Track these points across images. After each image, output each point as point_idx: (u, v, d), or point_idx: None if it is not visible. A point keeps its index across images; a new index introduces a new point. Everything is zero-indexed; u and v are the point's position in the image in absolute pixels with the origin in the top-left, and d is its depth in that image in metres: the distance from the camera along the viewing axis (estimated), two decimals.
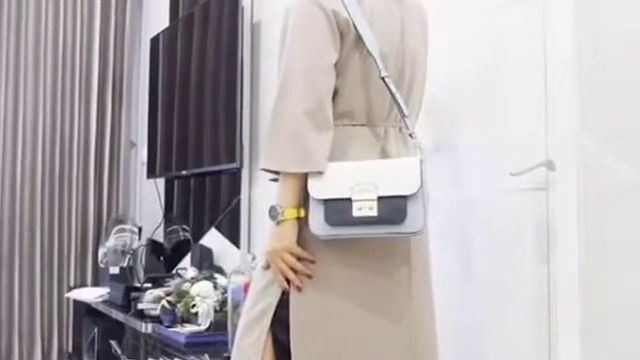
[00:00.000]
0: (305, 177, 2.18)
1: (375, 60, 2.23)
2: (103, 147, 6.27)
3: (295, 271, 2.20)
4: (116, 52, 6.36)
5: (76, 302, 5.68)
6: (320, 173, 2.16)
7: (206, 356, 3.51)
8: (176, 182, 5.70)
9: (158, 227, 5.74)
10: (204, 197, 5.20)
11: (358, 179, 2.14)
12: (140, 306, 4.16)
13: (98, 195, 6.22)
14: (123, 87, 6.38)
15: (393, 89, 2.24)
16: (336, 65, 2.24)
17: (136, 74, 6.51)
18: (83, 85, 6.19)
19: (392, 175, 2.15)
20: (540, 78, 2.54)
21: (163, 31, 5.70)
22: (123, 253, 5.63)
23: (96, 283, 5.95)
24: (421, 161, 2.15)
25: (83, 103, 6.18)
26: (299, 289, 2.21)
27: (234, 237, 4.67)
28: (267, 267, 2.27)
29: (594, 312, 2.33)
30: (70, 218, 6.08)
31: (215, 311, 3.70)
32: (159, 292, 4.09)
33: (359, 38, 2.24)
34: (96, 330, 5.05)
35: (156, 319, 4.01)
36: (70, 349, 5.98)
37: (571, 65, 2.42)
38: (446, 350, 2.46)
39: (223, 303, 3.70)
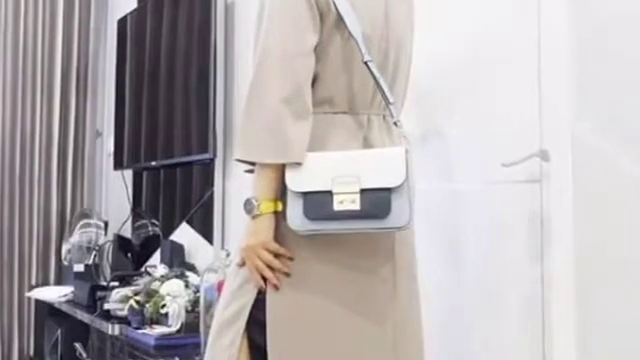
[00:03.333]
0: (282, 168, 2.17)
1: (357, 43, 2.22)
2: (67, 137, 6.22)
3: (272, 269, 2.19)
4: (80, 35, 6.31)
5: (38, 302, 5.64)
6: (298, 164, 2.15)
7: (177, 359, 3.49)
8: (145, 174, 5.68)
9: (125, 222, 5.74)
10: (175, 190, 5.19)
11: (339, 170, 2.13)
12: (106, 306, 4.14)
13: (61, 188, 6.18)
14: (88, 73, 6.33)
15: (377, 74, 2.23)
16: (316, 49, 2.23)
17: (102, 59, 6.47)
18: (45, 71, 6.13)
19: (376, 166, 2.14)
20: (534, 61, 2.54)
21: (131, 12, 5.67)
22: (88, 250, 5.61)
23: (59, 282, 5.91)
24: (406, 151, 2.14)
25: (45, 90, 6.12)
26: (276, 288, 2.20)
27: (207, 232, 4.66)
28: (242, 264, 2.26)
29: (591, 313, 2.33)
30: (32, 212, 6.04)
31: (186, 311, 3.70)
32: (127, 291, 4.07)
33: (340, 19, 2.22)
34: (59, 332, 5.03)
35: (123, 320, 4.00)
36: (31, 352, 5.94)
37: (567, 47, 2.42)
38: (433, 352, 2.46)
39: (195, 303, 3.69)
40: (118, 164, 5.75)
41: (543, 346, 2.46)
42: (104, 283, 4.82)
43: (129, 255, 5.51)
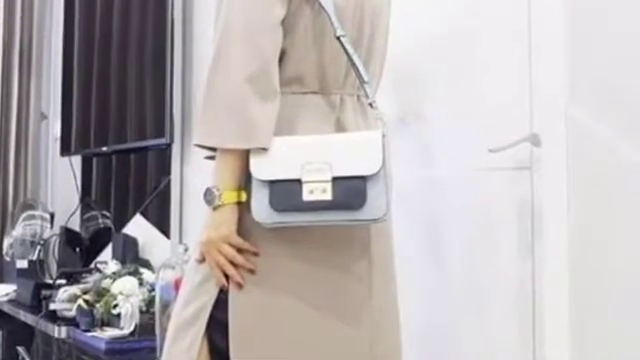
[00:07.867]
0: (247, 154, 2.15)
1: (329, 16, 2.20)
2: (9, 120, 6.21)
3: (235, 265, 2.17)
4: (24, 9, 6.29)
5: None
6: (264, 150, 2.13)
7: None
8: (95, 160, 5.70)
9: (74, 213, 5.75)
10: (128, 178, 5.19)
11: (309, 157, 2.11)
12: (52, 306, 4.13)
13: (3, 176, 6.17)
14: (32, 50, 6.32)
15: (350, 51, 2.22)
16: (283, 22, 2.20)
17: (47, 35, 6.46)
18: None
19: (349, 152, 2.13)
20: (524, 38, 2.54)
21: None
22: (32, 244, 5.61)
23: (0, 279, 5.90)
24: (383, 135, 2.13)
25: None
26: (239, 286, 2.18)
27: (163, 225, 4.67)
28: (202, 260, 2.24)
29: (586, 311, 2.33)
30: None
31: (141, 312, 3.70)
32: (75, 290, 4.08)
33: None
34: (0, 334, 5.01)
35: (71, 322, 3.99)
36: None
37: (560, 22, 2.42)
38: (413, 353, 2.46)
39: (150, 303, 3.69)
40: (65, 150, 5.76)
41: (534, 347, 2.47)
42: (50, 281, 4.84)
43: (77, 250, 5.51)
